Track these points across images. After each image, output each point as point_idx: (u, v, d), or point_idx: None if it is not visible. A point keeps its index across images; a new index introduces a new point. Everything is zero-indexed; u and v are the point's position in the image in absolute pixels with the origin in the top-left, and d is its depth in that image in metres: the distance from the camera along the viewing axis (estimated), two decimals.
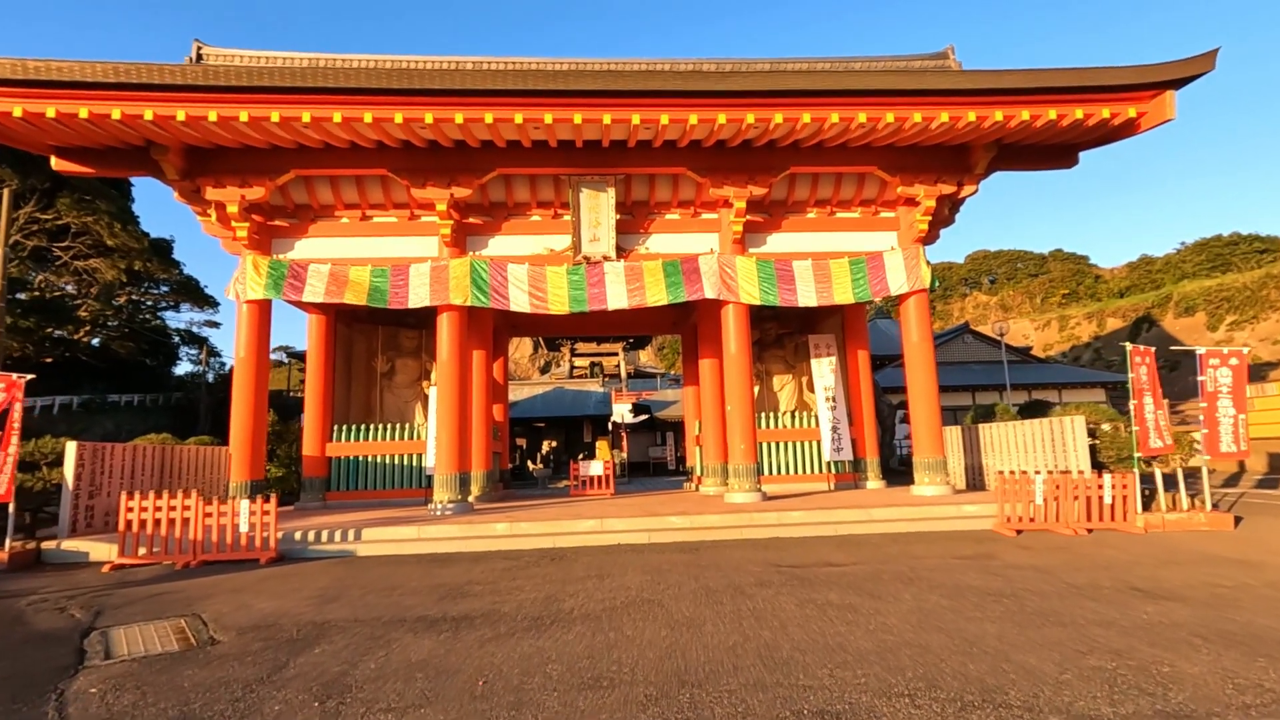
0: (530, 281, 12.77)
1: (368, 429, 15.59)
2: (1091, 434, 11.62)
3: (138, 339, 38.22)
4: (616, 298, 12.84)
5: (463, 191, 12.14)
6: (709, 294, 12.82)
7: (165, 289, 41.83)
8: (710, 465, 15.61)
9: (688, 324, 19.17)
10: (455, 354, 12.62)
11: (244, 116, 10.08)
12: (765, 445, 15.71)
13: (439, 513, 11.91)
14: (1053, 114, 10.99)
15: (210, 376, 41.19)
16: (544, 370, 64.34)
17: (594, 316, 19.67)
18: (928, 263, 13.13)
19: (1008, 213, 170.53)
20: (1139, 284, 65.20)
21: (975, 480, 14.41)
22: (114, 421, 29.58)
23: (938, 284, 13.74)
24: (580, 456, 30.46)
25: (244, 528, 9.12)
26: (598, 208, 12.71)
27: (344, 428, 15.53)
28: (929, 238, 13.56)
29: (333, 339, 15.67)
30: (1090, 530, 9.79)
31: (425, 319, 14.81)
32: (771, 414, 16.45)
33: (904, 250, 13.25)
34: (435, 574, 7.99)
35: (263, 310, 12.49)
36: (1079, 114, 11.02)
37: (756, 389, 15.14)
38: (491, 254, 13.01)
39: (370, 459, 15.48)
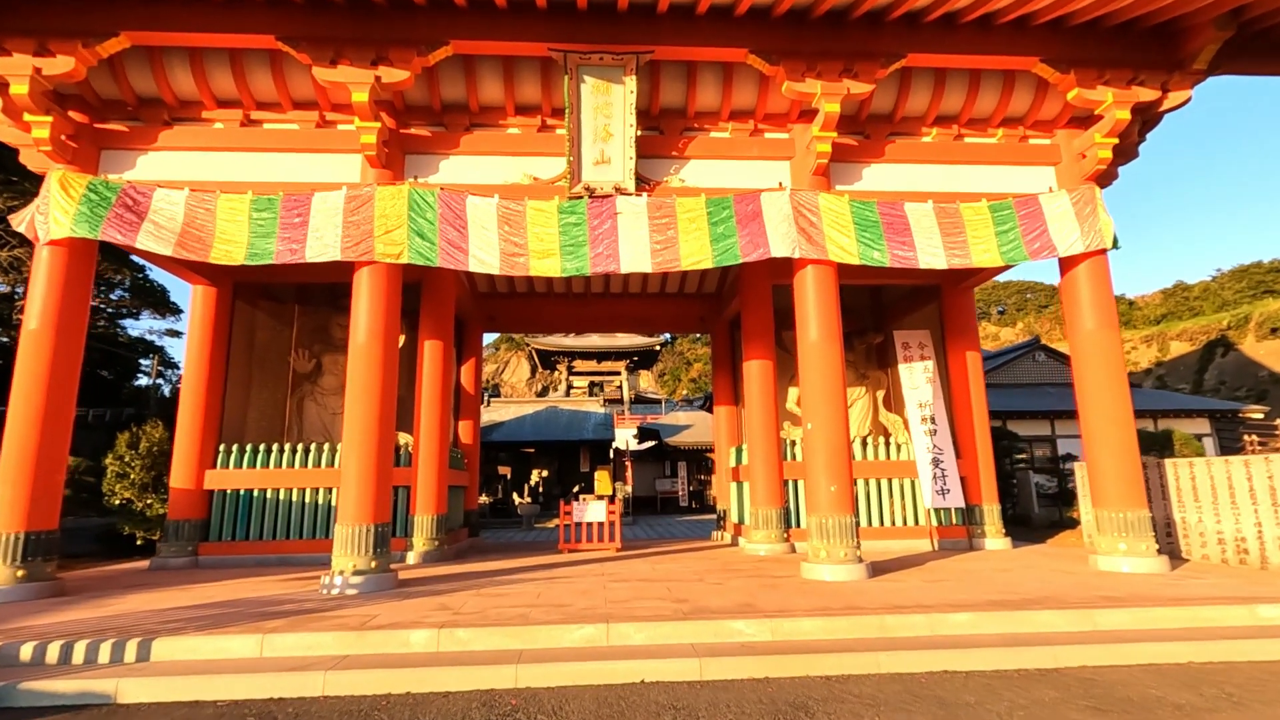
0: (502, 224, 8.21)
1: (271, 451, 10.89)
2: None
3: (89, 348, 33.75)
4: (634, 254, 8.28)
5: (396, 75, 7.65)
6: (778, 250, 8.24)
7: (123, 294, 37.64)
8: (760, 512, 10.84)
9: (720, 319, 14.56)
10: (379, 334, 8.00)
11: None
12: None
13: (336, 591, 7.20)
14: None
15: (167, 390, 36.80)
16: (542, 394, 59.59)
17: (599, 306, 15.13)
18: (1106, 210, 8.65)
19: None
20: (1176, 311, 61.52)
21: (1161, 544, 9.66)
22: None
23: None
24: (575, 491, 25.62)
25: None
26: (609, 108, 8.20)
27: (236, 449, 10.82)
28: (1106, 176, 9.07)
29: (226, 320, 11.05)
30: None
31: None
32: None
33: (1069, 192, 8.76)
34: None
35: (74, 256, 7.82)
36: None
37: None
38: (443, 181, 8.49)
39: (274, 495, 10.74)
